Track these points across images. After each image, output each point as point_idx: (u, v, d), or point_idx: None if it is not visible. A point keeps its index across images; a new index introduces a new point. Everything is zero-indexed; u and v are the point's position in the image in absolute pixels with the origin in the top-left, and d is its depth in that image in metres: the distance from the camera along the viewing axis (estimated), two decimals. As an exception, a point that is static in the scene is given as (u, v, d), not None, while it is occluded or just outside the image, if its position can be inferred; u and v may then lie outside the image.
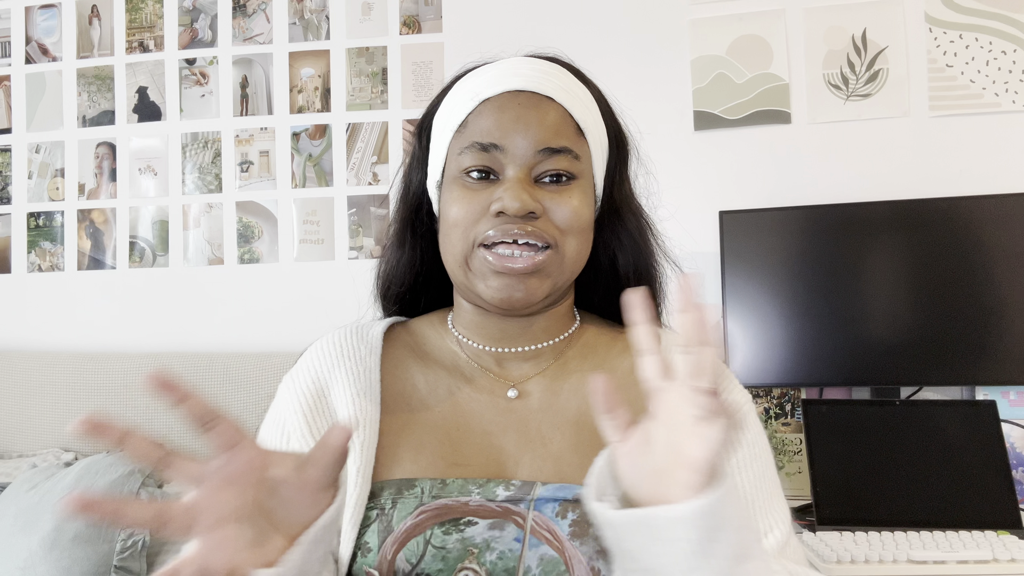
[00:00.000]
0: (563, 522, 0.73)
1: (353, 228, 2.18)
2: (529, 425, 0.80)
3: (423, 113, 0.88)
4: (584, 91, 0.83)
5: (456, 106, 0.81)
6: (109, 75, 2.30)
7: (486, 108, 0.79)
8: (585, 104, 0.82)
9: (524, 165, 0.78)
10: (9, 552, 1.47)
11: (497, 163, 0.78)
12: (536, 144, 0.77)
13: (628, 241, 0.86)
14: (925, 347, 1.76)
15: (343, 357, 0.83)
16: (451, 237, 0.80)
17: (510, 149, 0.78)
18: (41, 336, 2.27)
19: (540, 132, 0.78)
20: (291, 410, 0.80)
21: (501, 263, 0.77)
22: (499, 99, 0.79)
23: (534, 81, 0.79)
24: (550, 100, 0.79)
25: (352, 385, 0.81)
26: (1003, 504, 1.53)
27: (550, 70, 0.81)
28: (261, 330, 2.17)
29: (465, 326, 0.86)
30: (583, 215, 0.79)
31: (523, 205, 0.75)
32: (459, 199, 0.79)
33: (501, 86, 0.79)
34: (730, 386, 0.82)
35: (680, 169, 2.02)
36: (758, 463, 0.80)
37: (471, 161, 0.79)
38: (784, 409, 1.89)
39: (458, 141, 0.80)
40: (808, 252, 1.82)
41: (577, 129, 0.80)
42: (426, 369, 0.84)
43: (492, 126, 0.78)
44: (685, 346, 0.58)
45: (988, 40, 1.93)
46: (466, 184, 0.79)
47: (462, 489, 0.75)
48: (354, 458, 0.76)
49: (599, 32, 2.09)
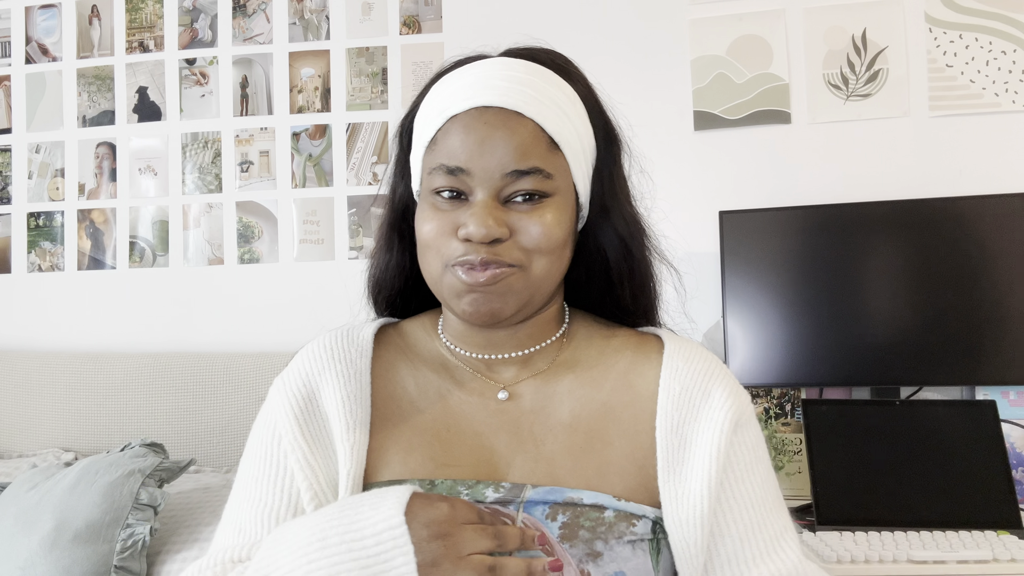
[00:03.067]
0: (553, 524, 0.73)
1: (353, 228, 2.18)
2: (521, 427, 0.80)
3: (404, 115, 0.86)
4: (564, 95, 0.79)
5: (428, 118, 0.80)
6: (109, 75, 2.30)
7: (453, 127, 0.77)
8: (563, 111, 0.78)
9: (491, 189, 0.76)
10: (9, 552, 1.47)
11: (465, 185, 0.76)
12: (503, 167, 0.75)
13: (618, 242, 0.84)
14: (925, 347, 1.76)
15: (333, 360, 0.83)
16: (426, 257, 0.79)
17: (476, 172, 0.75)
18: (41, 336, 2.27)
19: (506, 155, 0.75)
20: (282, 413, 0.80)
21: (471, 277, 0.76)
22: (466, 117, 0.76)
23: (504, 94, 0.76)
24: (519, 116, 0.76)
25: (342, 388, 0.80)
26: (1003, 504, 1.53)
27: (525, 77, 0.77)
28: (261, 330, 2.17)
29: (453, 334, 0.85)
30: (554, 234, 0.77)
31: (488, 232, 0.74)
32: (430, 218, 0.78)
33: (468, 101, 0.76)
34: (729, 388, 0.81)
35: (680, 169, 2.02)
36: (762, 466, 0.80)
37: (440, 183, 0.77)
38: (784, 409, 1.88)
39: (428, 158, 0.79)
40: (808, 252, 1.82)
41: (550, 143, 0.77)
42: (416, 371, 0.84)
43: (458, 148, 0.76)
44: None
45: (988, 40, 1.93)
46: (436, 204, 0.78)
47: (451, 490, 0.75)
48: (344, 461, 0.76)
49: (599, 32, 2.09)
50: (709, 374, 0.81)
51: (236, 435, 2.00)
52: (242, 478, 0.81)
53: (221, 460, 2.00)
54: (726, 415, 0.78)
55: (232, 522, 0.79)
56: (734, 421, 0.78)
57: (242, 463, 0.83)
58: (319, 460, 0.77)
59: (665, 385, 0.80)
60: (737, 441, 0.78)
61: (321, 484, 0.77)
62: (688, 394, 0.79)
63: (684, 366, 0.81)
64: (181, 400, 2.04)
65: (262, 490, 0.78)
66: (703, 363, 0.82)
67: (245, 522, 0.78)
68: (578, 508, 0.74)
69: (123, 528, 1.48)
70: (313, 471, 0.77)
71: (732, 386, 0.82)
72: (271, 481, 0.78)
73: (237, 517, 0.79)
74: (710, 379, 0.81)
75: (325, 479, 0.77)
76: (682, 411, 0.78)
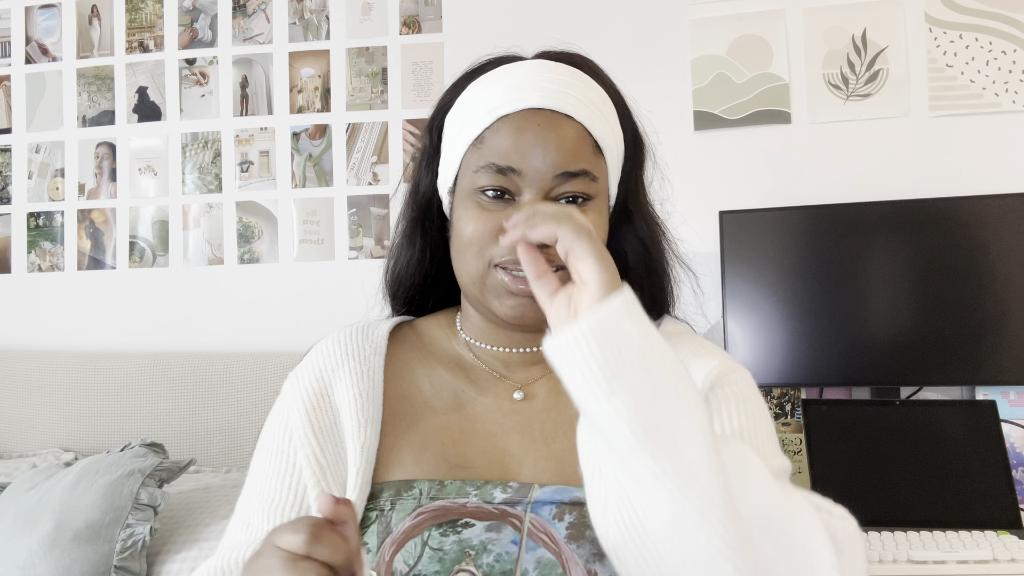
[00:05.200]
0: (560, 524, 0.73)
1: (353, 228, 2.18)
2: (533, 426, 0.80)
3: (434, 110, 0.86)
4: (603, 98, 0.81)
5: (472, 116, 0.79)
6: (109, 75, 2.30)
7: (503, 126, 0.77)
8: (604, 116, 0.80)
9: (541, 189, 0.76)
10: (9, 552, 1.47)
11: (513, 185, 0.77)
12: (554, 168, 0.76)
13: (639, 246, 0.85)
14: (925, 347, 1.76)
15: (347, 356, 0.82)
16: (465, 255, 0.79)
17: (527, 173, 0.76)
18: (41, 336, 2.27)
19: (558, 156, 0.76)
20: (294, 408, 0.80)
21: (517, 285, 0.76)
22: (517, 118, 0.77)
23: (553, 97, 0.77)
24: (569, 119, 0.77)
25: (355, 385, 0.80)
26: (1003, 504, 1.53)
27: (570, 80, 0.79)
28: (261, 330, 2.17)
29: (473, 330, 0.85)
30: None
31: None
32: (474, 218, 0.78)
33: (520, 102, 0.77)
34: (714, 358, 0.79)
35: (680, 169, 2.00)
36: (749, 416, 0.78)
37: (487, 181, 0.77)
38: (784, 409, 1.88)
39: (473, 157, 0.79)
40: (808, 252, 1.82)
41: (595, 147, 0.78)
42: (431, 370, 0.84)
43: (510, 148, 0.76)
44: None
45: (988, 40, 1.93)
46: (481, 203, 0.78)
47: (459, 491, 0.75)
48: (354, 459, 0.76)
49: (599, 32, 2.09)
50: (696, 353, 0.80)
51: (236, 435, 2.01)
52: (253, 472, 0.82)
53: (221, 460, 2.00)
54: (700, 373, 0.77)
55: (242, 516, 0.80)
56: (711, 380, 0.77)
57: (254, 457, 0.83)
58: (328, 458, 0.78)
59: None
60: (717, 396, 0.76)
61: (329, 482, 0.77)
62: None
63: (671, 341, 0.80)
64: (181, 400, 2.04)
65: (271, 486, 0.79)
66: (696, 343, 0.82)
67: (253, 517, 0.79)
68: (585, 508, 0.73)
69: (123, 528, 1.48)
70: (322, 468, 0.77)
71: (722, 358, 0.80)
72: (280, 477, 0.79)
73: (246, 512, 0.80)
74: (696, 356, 0.79)
75: (333, 477, 0.77)
76: None
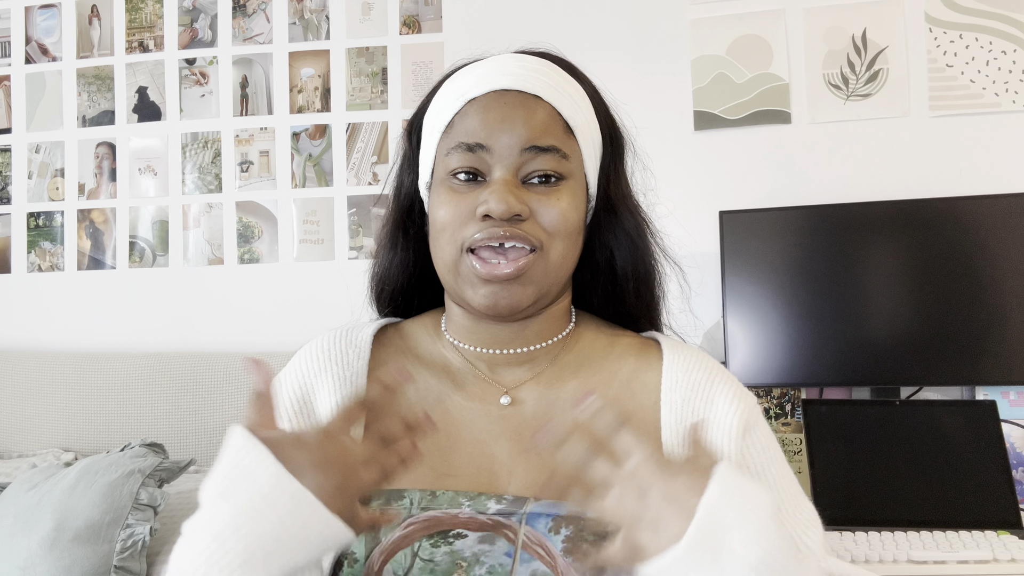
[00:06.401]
0: (556, 537, 0.71)
1: (353, 228, 2.18)
2: (523, 434, 0.78)
3: (414, 113, 0.86)
4: (575, 88, 0.81)
5: (443, 107, 0.80)
6: (109, 75, 2.30)
7: (472, 108, 0.78)
8: (575, 101, 0.80)
9: (510, 166, 0.76)
10: (9, 552, 1.47)
11: (484, 164, 0.77)
12: (522, 143, 0.76)
13: (625, 240, 0.85)
14: (925, 347, 1.76)
15: (330, 362, 0.81)
16: (440, 241, 0.78)
17: (496, 149, 0.76)
18: (41, 336, 2.27)
19: (526, 131, 0.76)
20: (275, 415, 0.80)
21: (488, 270, 0.75)
22: (485, 99, 0.78)
23: (521, 79, 0.78)
24: (537, 98, 0.77)
25: (338, 391, 0.79)
26: (1003, 504, 1.53)
27: (539, 67, 0.79)
28: (261, 330, 2.17)
29: (457, 330, 0.84)
30: (571, 218, 0.78)
31: (508, 207, 0.74)
32: (446, 201, 0.78)
33: (487, 85, 0.78)
34: (732, 392, 0.80)
35: (680, 169, 2.02)
36: (776, 466, 0.79)
37: (457, 162, 0.77)
38: (784, 409, 1.89)
39: (445, 142, 0.79)
40: (808, 252, 1.82)
41: (566, 127, 0.78)
42: (416, 374, 0.82)
43: (478, 126, 0.77)
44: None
45: (988, 40, 1.93)
46: (453, 187, 0.78)
47: (452, 501, 0.73)
48: None
49: (599, 32, 2.09)
50: (709, 381, 0.80)
51: (236, 435, 2.00)
52: None
53: (221, 460, 1.99)
54: (733, 420, 0.77)
55: None
56: (742, 425, 0.77)
57: None
58: None
59: (667, 397, 0.79)
60: (748, 444, 0.78)
61: None
62: (691, 404, 0.78)
63: (683, 376, 0.80)
64: (181, 400, 2.04)
65: None
66: (703, 371, 0.81)
67: None
68: (581, 521, 0.72)
69: (123, 528, 1.48)
70: None
71: (735, 390, 0.81)
72: None
73: None
74: (711, 386, 0.79)
75: None
76: (687, 422, 0.77)
